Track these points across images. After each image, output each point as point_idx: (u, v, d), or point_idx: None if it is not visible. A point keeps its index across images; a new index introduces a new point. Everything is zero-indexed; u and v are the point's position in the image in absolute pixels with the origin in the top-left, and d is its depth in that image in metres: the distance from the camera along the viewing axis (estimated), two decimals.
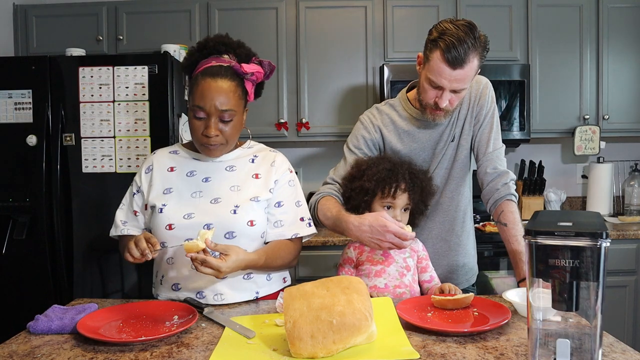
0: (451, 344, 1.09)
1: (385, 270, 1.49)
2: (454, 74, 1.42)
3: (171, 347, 1.10)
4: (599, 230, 0.84)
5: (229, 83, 1.40)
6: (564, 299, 0.88)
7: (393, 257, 1.52)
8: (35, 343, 1.14)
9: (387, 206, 1.50)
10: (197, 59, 1.46)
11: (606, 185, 3.12)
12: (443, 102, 1.48)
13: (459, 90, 1.47)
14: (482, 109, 1.62)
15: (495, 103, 1.66)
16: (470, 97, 1.64)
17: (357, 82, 2.94)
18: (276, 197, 1.52)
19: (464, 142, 1.65)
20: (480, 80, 1.65)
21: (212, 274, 1.29)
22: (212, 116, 1.39)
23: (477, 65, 1.45)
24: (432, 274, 1.56)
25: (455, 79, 1.43)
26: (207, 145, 1.43)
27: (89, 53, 2.67)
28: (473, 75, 1.47)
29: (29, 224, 2.42)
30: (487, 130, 1.62)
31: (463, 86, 1.46)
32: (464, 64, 1.40)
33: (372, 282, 1.49)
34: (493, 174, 1.58)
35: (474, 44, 1.40)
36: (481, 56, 1.45)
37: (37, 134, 2.41)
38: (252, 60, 1.48)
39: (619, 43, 2.95)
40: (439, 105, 1.50)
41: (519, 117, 2.86)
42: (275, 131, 2.94)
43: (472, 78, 1.49)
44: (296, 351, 1.03)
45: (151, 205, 1.48)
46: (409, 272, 1.52)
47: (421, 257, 1.57)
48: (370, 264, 1.52)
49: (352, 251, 1.57)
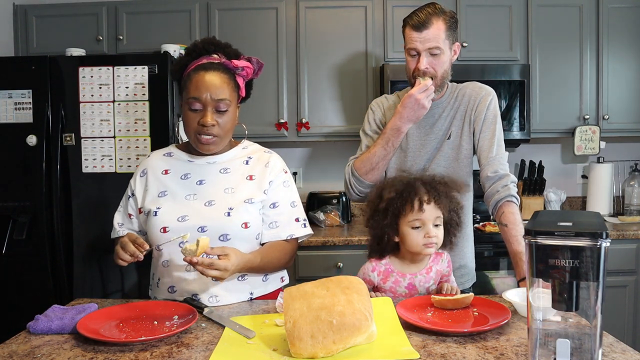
0: (451, 344, 1.09)
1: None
2: (422, 35, 1.59)
3: (171, 347, 1.10)
4: (599, 230, 0.84)
5: (221, 75, 1.45)
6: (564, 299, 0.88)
7: (417, 289, 1.45)
8: (35, 343, 1.14)
9: (417, 226, 1.38)
10: (187, 62, 1.49)
11: (606, 185, 3.12)
12: (422, 64, 1.61)
13: (435, 53, 1.60)
14: (481, 115, 1.66)
15: (498, 112, 1.69)
16: (470, 100, 1.69)
17: (357, 82, 2.94)
18: (271, 198, 1.52)
19: (465, 143, 1.68)
20: (484, 87, 1.71)
21: (218, 275, 1.29)
22: (208, 106, 1.42)
23: (444, 28, 1.60)
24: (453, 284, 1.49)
25: (425, 39, 1.59)
26: (203, 136, 1.44)
27: (89, 53, 2.67)
28: (442, 36, 1.59)
29: (29, 224, 2.42)
30: (489, 137, 1.64)
31: (434, 44, 1.59)
32: (428, 25, 1.58)
33: None
34: (494, 177, 1.59)
35: (434, 10, 1.60)
36: (447, 22, 1.60)
37: (37, 134, 2.41)
38: (241, 57, 1.52)
39: (619, 43, 2.95)
40: (419, 67, 1.61)
41: (519, 117, 2.86)
42: (275, 131, 2.93)
43: (446, 41, 1.61)
44: (296, 351, 1.03)
45: (146, 210, 1.48)
46: None
47: (444, 274, 1.49)
48: (393, 294, 1.44)
49: (376, 276, 1.46)
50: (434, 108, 1.69)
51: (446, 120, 1.70)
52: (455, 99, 1.71)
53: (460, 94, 1.72)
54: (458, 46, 1.68)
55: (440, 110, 1.71)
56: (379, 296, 1.44)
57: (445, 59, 1.63)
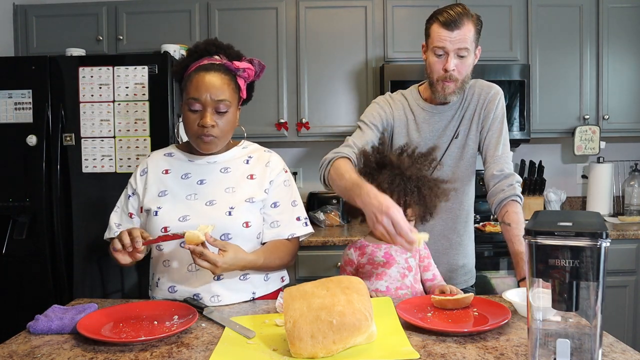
0: (451, 344, 1.09)
1: (387, 273, 1.49)
2: (453, 35, 1.53)
3: (171, 347, 1.10)
4: (599, 230, 0.84)
5: (222, 76, 1.44)
6: (564, 299, 0.88)
7: (394, 258, 1.51)
8: (35, 343, 1.14)
9: None
10: (188, 63, 1.49)
11: (606, 185, 3.12)
12: (450, 65, 1.55)
13: (463, 55, 1.55)
14: (490, 113, 1.65)
15: (505, 112, 1.68)
16: (480, 98, 1.67)
17: (357, 82, 2.94)
18: (272, 198, 1.52)
19: (471, 142, 1.67)
20: (493, 86, 1.69)
21: (208, 267, 1.30)
22: (208, 107, 1.42)
23: (473, 31, 1.55)
24: (434, 272, 1.55)
25: (455, 40, 1.53)
26: (202, 137, 1.44)
27: (89, 53, 2.67)
28: (472, 39, 1.55)
29: (29, 224, 2.42)
30: (496, 135, 1.64)
31: (464, 45, 1.54)
32: (460, 25, 1.52)
33: (374, 285, 1.48)
34: (499, 176, 1.58)
35: (465, 11, 1.54)
36: (476, 26, 1.56)
37: (37, 134, 2.41)
38: (242, 59, 1.52)
39: (619, 43, 2.95)
40: (447, 68, 1.55)
41: (519, 117, 2.86)
42: (275, 131, 2.93)
43: (473, 43, 1.56)
44: (296, 351, 1.03)
45: (146, 208, 1.49)
46: (411, 273, 1.51)
47: (423, 256, 1.56)
48: (371, 266, 1.50)
49: (353, 253, 1.55)
50: (447, 111, 1.67)
51: (457, 121, 1.68)
52: (464, 99, 1.69)
53: (470, 93, 1.68)
54: (480, 50, 1.63)
55: (452, 112, 1.68)
56: (378, 296, 1.45)
57: (470, 63, 1.59)
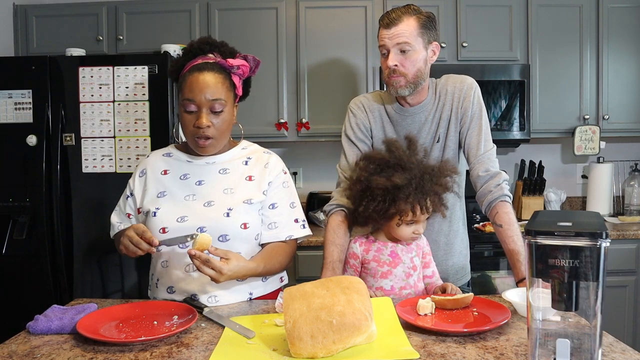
0: (451, 344, 1.09)
1: (392, 272, 1.47)
2: (390, 32, 1.56)
3: (171, 347, 1.10)
4: (599, 230, 0.84)
5: (216, 75, 1.44)
6: (564, 298, 0.88)
7: (400, 258, 1.48)
8: (35, 343, 1.14)
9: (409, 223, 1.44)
10: (183, 62, 1.49)
11: (606, 185, 3.12)
12: (390, 61, 1.56)
13: (405, 49, 1.55)
14: (467, 111, 1.61)
15: (483, 103, 1.64)
16: (454, 98, 1.63)
17: (357, 82, 2.94)
18: (270, 199, 1.52)
19: (451, 143, 1.64)
20: (464, 80, 1.65)
21: (213, 275, 1.29)
22: (203, 107, 1.42)
23: (415, 26, 1.55)
24: (433, 269, 1.55)
25: (393, 35, 1.55)
26: (199, 138, 1.43)
27: (89, 53, 2.67)
28: (413, 33, 1.55)
29: (29, 224, 2.42)
30: (476, 133, 1.60)
31: (403, 40, 1.54)
32: (398, 22, 1.55)
33: (378, 283, 1.48)
34: (486, 177, 1.57)
35: (406, 9, 1.57)
36: (421, 20, 1.56)
37: (37, 134, 2.41)
38: (237, 56, 1.51)
39: (619, 43, 2.95)
40: (388, 64, 1.57)
41: (519, 117, 2.86)
42: (275, 131, 2.93)
43: (417, 38, 1.55)
44: (296, 351, 1.03)
45: (145, 210, 1.48)
46: (415, 272, 1.49)
47: (425, 253, 1.54)
48: (377, 264, 1.49)
49: (358, 247, 1.52)
50: (419, 113, 1.63)
51: (432, 123, 1.64)
52: (438, 99, 1.65)
53: (442, 92, 1.64)
54: (437, 46, 1.60)
55: (425, 114, 1.64)
56: (378, 295, 1.45)
57: (418, 58, 1.56)
